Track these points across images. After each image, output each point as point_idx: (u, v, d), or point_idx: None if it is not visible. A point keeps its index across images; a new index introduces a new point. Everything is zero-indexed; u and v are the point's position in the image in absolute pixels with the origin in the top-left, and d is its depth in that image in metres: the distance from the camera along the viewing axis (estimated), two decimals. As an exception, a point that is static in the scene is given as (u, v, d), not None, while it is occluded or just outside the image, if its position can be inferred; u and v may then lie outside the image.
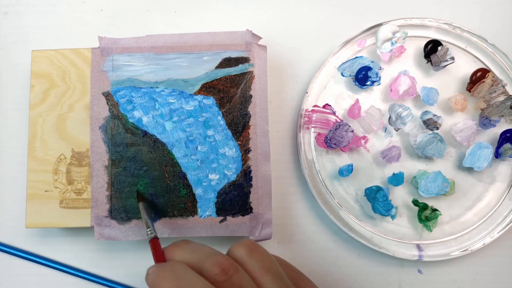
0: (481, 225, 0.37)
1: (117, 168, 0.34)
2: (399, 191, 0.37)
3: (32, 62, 0.36)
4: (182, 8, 0.41)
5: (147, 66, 0.36)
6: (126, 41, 0.36)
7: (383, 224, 0.37)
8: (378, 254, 0.37)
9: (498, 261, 0.38)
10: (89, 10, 0.41)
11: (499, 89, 0.36)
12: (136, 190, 0.34)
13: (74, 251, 0.38)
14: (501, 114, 0.36)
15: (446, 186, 0.36)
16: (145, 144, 0.35)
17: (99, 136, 0.35)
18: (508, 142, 0.36)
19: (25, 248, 0.38)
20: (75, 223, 0.34)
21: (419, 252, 0.36)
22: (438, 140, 0.36)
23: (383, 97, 0.38)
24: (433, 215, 0.36)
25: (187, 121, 0.35)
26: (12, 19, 0.41)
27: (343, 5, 0.41)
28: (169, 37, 0.36)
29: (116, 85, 0.35)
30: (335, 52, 0.38)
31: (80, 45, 0.37)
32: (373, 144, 0.38)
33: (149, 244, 0.28)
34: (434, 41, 0.37)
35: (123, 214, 0.34)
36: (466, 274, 0.37)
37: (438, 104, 0.38)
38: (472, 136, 0.36)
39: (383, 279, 0.37)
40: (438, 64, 0.37)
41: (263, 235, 0.34)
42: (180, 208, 0.34)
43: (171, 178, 0.34)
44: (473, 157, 0.36)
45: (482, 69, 0.37)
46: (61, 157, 0.35)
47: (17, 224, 0.38)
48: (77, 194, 0.35)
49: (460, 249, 0.36)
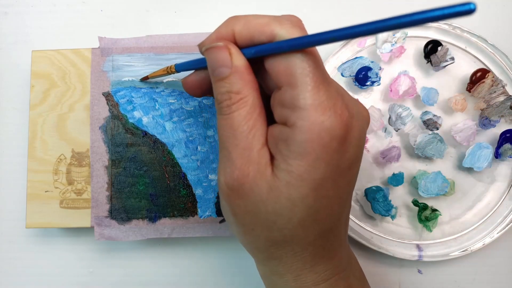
0: (481, 225, 0.37)
1: (117, 168, 0.35)
2: (399, 191, 0.37)
3: (32, 62, 0.36)
4: (182, 8, 0.41)
5: (147, 66, 0.35)
6: (126, 41, 0.36)
7: (383, 224, 0.37)
8: (378, 254, 0.37)
9: (498, 261, 0.38)
10: (89, 10, 0.41)
11: (499, 89, 0.36)
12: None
13: (74, 251, 0.38)
14: (501, 114, 0.36)
15: (446, 186, 0.36)
16: (145, 144, 0.35)
17: (99, 136, 0.35)
18: (508, 142, 0.36)
19: (25, 248, 0.38)
20: (75, 223, 0.34)
21: (419, 252, 0.36)
22: (438, 140, 0.36)
23: (383, 98, 0.38)
24: (433, 215, 0.36)
25: (187, 121, 0.35)
26: (12, 19, 0.41)
27: (343, 5, 0.41)
28: (169, 37, 0.36)
29: (116, 85, 0.35)
30: (335, 52, 0.38)
31: (80, 45, 0.37)
32: (373, 144, 0.38)
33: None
34: (434, 41, 0.37)
35: (123, 214, 0.34)
36: (466, 274, 0.37)
37: (438, 104, 0.38)
38: (472, 136, 0.36)
39: (383, 279, 0.37)
40: (438, 64, 0.37)
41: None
42: (180, 208, 0.34)
43: (171, 178, 0.34)
44: (473, 157, 0.36)
45: (482, 69, 0.37)
46: (61, 157, 0.35)
47: (17, 224, 0.38)
48: (77, 194, 0.35)
49: (460, 249, 0.36)
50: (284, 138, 0.22)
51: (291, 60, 0.22)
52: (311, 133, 0.21)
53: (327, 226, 0.24)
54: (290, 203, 0.22)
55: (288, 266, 0.25)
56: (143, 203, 0.34)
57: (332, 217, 0.24)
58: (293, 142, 0.22)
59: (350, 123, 0.22)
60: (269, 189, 0.22)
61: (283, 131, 0.22)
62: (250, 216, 0.23)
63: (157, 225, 0.34)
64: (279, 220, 0.23)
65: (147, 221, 0.34)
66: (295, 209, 0.22)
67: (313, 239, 0.24)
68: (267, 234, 0.24)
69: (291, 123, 0.22)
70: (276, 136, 0.23)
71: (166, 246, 0.38)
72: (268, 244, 0.24)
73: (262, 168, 0.23)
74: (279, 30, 0.22)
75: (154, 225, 0.34)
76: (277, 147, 0.22)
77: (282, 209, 0.22)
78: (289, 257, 0.25)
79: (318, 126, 0.21)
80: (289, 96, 0.22)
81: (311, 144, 0.21)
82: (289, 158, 0.22)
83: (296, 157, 0.22)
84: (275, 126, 0.23)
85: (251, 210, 0.23)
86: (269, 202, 0.22)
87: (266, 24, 0.22)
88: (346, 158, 0.23)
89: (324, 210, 0.23)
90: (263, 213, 0.23)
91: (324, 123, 0.21)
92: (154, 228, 0.34)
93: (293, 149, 0.22)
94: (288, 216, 0.23)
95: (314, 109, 0.21)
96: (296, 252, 0.24)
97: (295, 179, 0.22)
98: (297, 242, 0.24)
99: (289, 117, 0.22)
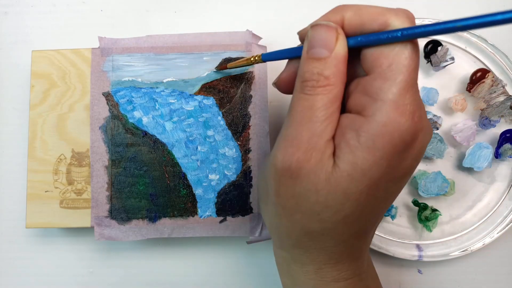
0: (481, 225, 0.37)
1: (117, 168, 0.35)
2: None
3: (32, 62, 0.36)
4: (182, 8, 0.41)
5: (147, 66, 0.36)
6: (126, 41, 0.36)
7: (383, 224, 0.37)
8: (378, 254, 0.37)
9: (498, 261, 0.38)
10: (89, 10, 0.41)
11: (499, 90, 0.36)
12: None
13: (74, 251, 0.38)
14: (501, 114, 0.36)
15: (446, 186, 0.36)
16: (145, 144, 0.35)
17: (99, 136, 0.35)
18: (508, 142, 0.36)
19: (25, 248, 0.38)
20: (75, 223, 0.34)
21: (419, 252, 0.36)
22: (438, 140, 0.36)
23: (383, 97, 0.38)
24: (433, 215, 0.36)
25: (187, 121, 0.35)
26: (12, 19, 0.41)
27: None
28: (169, 37, 0.36)
29: (116, 85, 0.35)
30: (335, 52, 0.38)
31: (80, 45, 0.37)
32: (373, 144, 0.38)
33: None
34: (434, 41, 0.37)
35: (123, 214, 0.34)
36: (466, 274, 0.37)
37: (438, 104, 0.38)
38: (472, 136, 0.36)
39: (383, 279, 0.37)
40: (438, 64, 0.37)
41: (263, 235, 0.34)
42: (180, 208, 0.34)
43: (171, 178, 0.34)
44: (473, 157, 0.36)
45: (482, 70, 0.37)
46: (61, 157, 0.35)
47: (17, 224, 0.38)
48: (77, 194, 0.35)
49: (460, 249, 0.36)
50: (355, 128, 0.22)
51: (395, 53, 0.21)
52: (385, 129, 0.21)
53: (363, 228, 0.24)
54: (344, 196, 0.22)
55: (314, 257, 0.25)
56: (143, 203, 0.34)
57: (372, 219, 0.24)
58: (365, 133, 0.21)
59: (419, 134, 0.22)
60: (326, 180, 0.22)
61: (356, 121, 0.22)
62: (295, 201, 0.23)
63: (157, 225, 0.34)
64: (325, 212, 0.23)
65: (147, 221, 0.34)
66: (347, 203, 0.22)
67: (348, 237, 0.24)
68: (306, 223, 0.23)
69: (369, 113, 0.21)
70: (346, 125, 0.22)
71: (166, 246, 0.38)
72: (303, 233, 0.24)
73: (325, 159, 0.22)
74: (394, 19, 0.22)
75: (154, 225, 0.34)
76: (344, 137, 0.22)
77: (333, 201, 0.22)
78: (318, 249, 0.24)
79: (394, 125, 0.21)
80: (377, 86, 0.21)
81: (382, 140, 0.21)
82: (357, 150, 0.21)
83: (364, 149, 0.21)
84: (346, 116, 0.23)
85: (299, 195, 0.23)
86: (322, 192, 0.22)
87: (381, 13, 0.22)
88: (404, 167, 0.23)
89: (368, 210, 0.23)
90: (311, 202, 0.22)
91: (400, 124, 0.21)
92: (154, 228, 0.34)
93: (363, 140, 0.21)
94: (336, 209, 0.22)
95: (396, 108, 0.21)
96: (327, 246, 0.24)
97: (358, 172, 0.22)
98: (332, 237, 0.24)
99: (368, 107, 0.22)
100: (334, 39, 0.22)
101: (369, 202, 0.23)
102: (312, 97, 0.22)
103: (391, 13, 0.22)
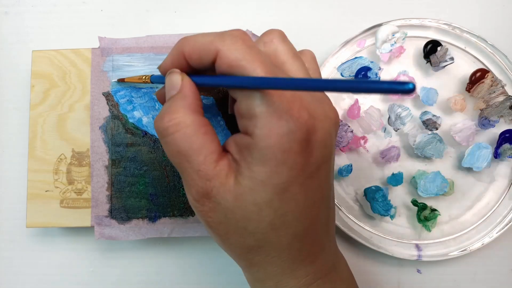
0: (480, 225, 0.37)
1: (117, 168, 0.35)
2: (398, 191, 0.37)
3: (33, 62, 0.36)
4: (182, 8, 0.41)
5: (147, 66, 0.36)
6: (126, 42, 0.36)
7: (382, 224, 0.37)
8: (377, 254, 0.37)
9: (497, 261, 0.38)
10: (89, 10, 0.41)
11: (498, 90, 0.36)
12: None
13: (74, 251, 0.38)
14: (501, 114, 0.36)
15: (445, 186, 0.36)
16: (145, 144, 0.35)
17: (99, 136, 0.35)
18: (507, 142, 0.36)
19: (25, 247, 0.38)
20: (75, 223, 0.35)
21: (418, 252, 0.36)
22: (437, 140, 0.36)
23: (383, 97, 0.39)
24: (432, 215, 0.36)
25: (187, 121, 0.35)
26: (12, 19, 0.41)
27: (343, 5, 0.41)
28: (169, 37, 0.36)
29: (116, 85, 0.35)
30: (335, 52, 0.38)
31: (80, 45, 0.37)
32: (373, 144, 0.38)
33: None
34: (434, 41, 0.37)
35: (123, 214, 0.34)
36: (465, 274, 0.37)
37: (437, 105, 0.38)
38: (471, 136, 0.36)
39: (382, 279, 0.37)
40: (438, 65, 0.37)
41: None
42: (180, 208, 0.34)
43: (171, 178, 0.35)
44: (472, 157, 0.36)
45: (481, 70, 0.37)
46: (61, 157, 0.35)
47: (18, 224, 0.38)
48: (78, 194, 0.35)
49: (459, 249, 0.36)
50: (246, 146, 0.23)
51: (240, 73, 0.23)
52: (269, 139, 0.22)
53: (299, 229, 0.24)
54: (257, 207, 0.23)
55: (268, 272, 0.25)
56: (143, 203, 0.34)
57: (305, 220, 0.24)
58: (254, 149, 0.22)
59: (311, 125, 0.22)
60: (235, 197, 0.23)
61: (245, 140, 0.23)
62: (223, 226, 0.24)
63: (157, 224, 0.34)
64: (249, 225, 0.23)
65: (147, 220, 0.34)
66: (262, 213, 0.23)
67: (287, 243, 0.24)
68: (241, 241, 0.24)
69: (251, 131, 0.23)
70: (240, 144, 0.23)
71: (166, 245, 0.38)
72: (245, 251, 0.25)
73: (223, 180, 0.23)
74: (221, 46, 0.23)
75: (154, 224, 0.34)
76: (241, 155, 0.23)
77: (250, 214, 0.23)
78: (267, 262, 0.25)
79: (276, 132, 0.22)
80: (245, 106, 0.23)
81: (271, 150, 0.22)
82: (252, 165, 0.22)
83: (258, 163, 0.22)
84: (239, 135, 0.24)
85: (222, 220, 0.24)
86: (236, 209, 0.23)
87: (210, 42, 0.23)
88: (312, 161, 0.23)
89: (293, 213, 0.23)
90: (233, 220, 0.24)
91: (281, 128, 0.22)
92: (154, 227, 0.34)
93: (255, 155, 0.22)
94: (257, 220, 0.23)
95: (270, 116, 0.22)
96: (272, 256, 0.25)
97: (258, 184, 0.22)
98: (271, 246, 0.24)
99: (247, 127, 0.23)
100: (180, 81, 0.25)
101: (288, 205, 0.23)
102: (173, 136, 0.24)
103: (218, 39, 0.23)
